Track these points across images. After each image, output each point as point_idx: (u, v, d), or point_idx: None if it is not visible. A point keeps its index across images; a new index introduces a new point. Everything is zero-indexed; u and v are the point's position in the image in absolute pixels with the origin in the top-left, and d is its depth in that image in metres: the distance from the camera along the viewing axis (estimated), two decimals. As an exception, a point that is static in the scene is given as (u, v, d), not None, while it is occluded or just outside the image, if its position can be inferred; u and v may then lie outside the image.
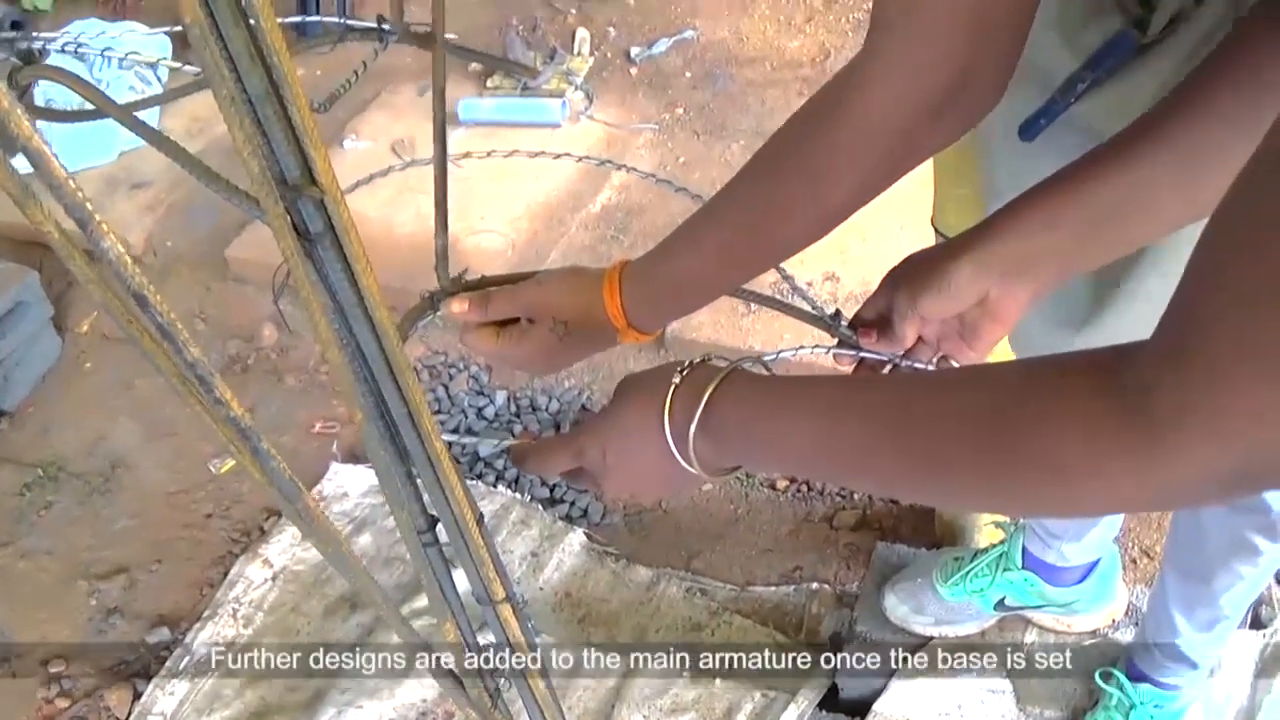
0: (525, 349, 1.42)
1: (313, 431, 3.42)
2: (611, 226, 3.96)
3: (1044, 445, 0.85)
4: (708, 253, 1.34)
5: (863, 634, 2.66)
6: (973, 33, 1.14)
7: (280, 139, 0.75)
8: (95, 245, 0.65)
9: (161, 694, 2.76)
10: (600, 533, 3.09)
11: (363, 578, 1.05)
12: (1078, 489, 0.86)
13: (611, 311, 1.36)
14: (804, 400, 1.05)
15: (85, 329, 3.86)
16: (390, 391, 0.97)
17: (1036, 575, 2.49)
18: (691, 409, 1.10)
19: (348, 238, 0.82)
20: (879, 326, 1.41)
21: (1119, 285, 1.58)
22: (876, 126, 1.21)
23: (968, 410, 0.91)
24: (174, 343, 0.72)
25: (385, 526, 3.08)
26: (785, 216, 1.30)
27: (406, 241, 3.76)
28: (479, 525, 1.15)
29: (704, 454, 1.12)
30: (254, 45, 0.70)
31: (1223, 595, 2.10)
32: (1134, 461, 0.81)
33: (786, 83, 4.55)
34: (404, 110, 4.47)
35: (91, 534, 3.19)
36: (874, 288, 1.43)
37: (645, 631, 2.83)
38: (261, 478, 0.89)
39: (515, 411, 3.44)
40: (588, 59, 4.71)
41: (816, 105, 1.27)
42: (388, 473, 1.06)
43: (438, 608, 1.24)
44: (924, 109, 1.19)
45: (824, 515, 3.07)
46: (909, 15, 1.15)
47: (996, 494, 0.97)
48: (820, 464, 1.12)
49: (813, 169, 1.26)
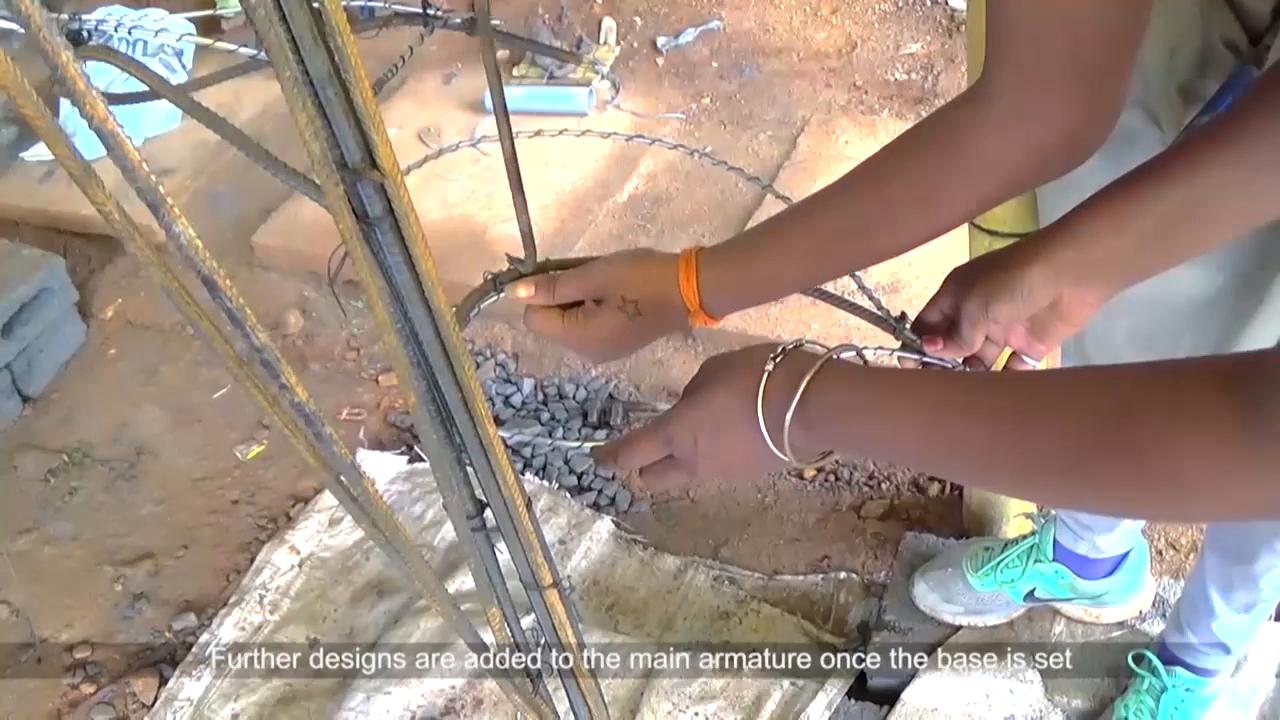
0: (593, 330, 1.41)
1: (339, 418, 3.43)
2: (639, 215, 3.95)
3: (1164, 450, 0.85)
4: (796, 253, 1.34)
5: (891, 622, 2.66)
6: (1088, 83, 1.14)
7: (342, 121, 0.75)
8: (167, 229, 0.65)
9: (188, 680, 2.76)
10: (628, 521, 3.09)
11: (416, 560, 1.05)
12: (1196, 495, 0.86)
13: (686, 292, 1.35)
14: (911, 394, 1.05)
15: (110, 315, 3.87)
16: (445, 376, 0.97)
17: (1067, 568, 2.49)
18: (788, 396, 1.09)
19: (407, 221, 0.82)
20: (943, 329, 1.42)
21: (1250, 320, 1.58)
22: (991, 166, 1.23)
23: (1088, 413, 0.91)
24: (242, 327, 0.72)
25: (413, 514, 3.08)
26: (884, 231, 1.31)
27: (433, 229, 3.75)
28: (528, 510, 1.15)
29: (798, 441, 1.11)
30: (318, 27, 0.70)
31: (1263, 577, 2.10)
32: (1251, 472, 0.81)
33: (813, 74, 4.55)
34: (430, 98, 4.47)
35: (117, 520, 3.20)
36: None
37: (673, 619, 2.83)
38: (316, 463, 0.89)
39: (543, 399, 3.43)
40: (614, 48, 4.71)
41: (933, 132, 1.27)
42: (439, 457, 1.06)
43: (484, 592, 1.25)
44: (1038, 154, 1.21)
45: (851, 505, 3.06)
46: (1032, 61, 1.14)
47: (1111, 497, 0.96)
48: (928, 458, 1.12)
49: (921, 192, 1.27)
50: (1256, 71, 1.33)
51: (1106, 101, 1.17)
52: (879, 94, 4.40)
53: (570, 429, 3.31)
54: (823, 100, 4.41)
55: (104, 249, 4.03)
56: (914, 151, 1.28)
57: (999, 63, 1.17)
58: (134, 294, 3.89)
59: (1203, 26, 1.35)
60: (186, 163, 4.29)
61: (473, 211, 3.85)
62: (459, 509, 1.14)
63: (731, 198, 3.95)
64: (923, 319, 1.45)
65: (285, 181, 0.81)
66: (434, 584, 1.11)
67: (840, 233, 1.32)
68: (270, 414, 0.84)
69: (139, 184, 0.63)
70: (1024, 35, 1.13)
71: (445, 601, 1.15)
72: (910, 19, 4.76)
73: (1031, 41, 1.13)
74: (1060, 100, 1.15)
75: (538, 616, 1.32)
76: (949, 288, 1.42)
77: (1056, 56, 1.12)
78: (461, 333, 1.46)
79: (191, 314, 0.77)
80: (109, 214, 0.69)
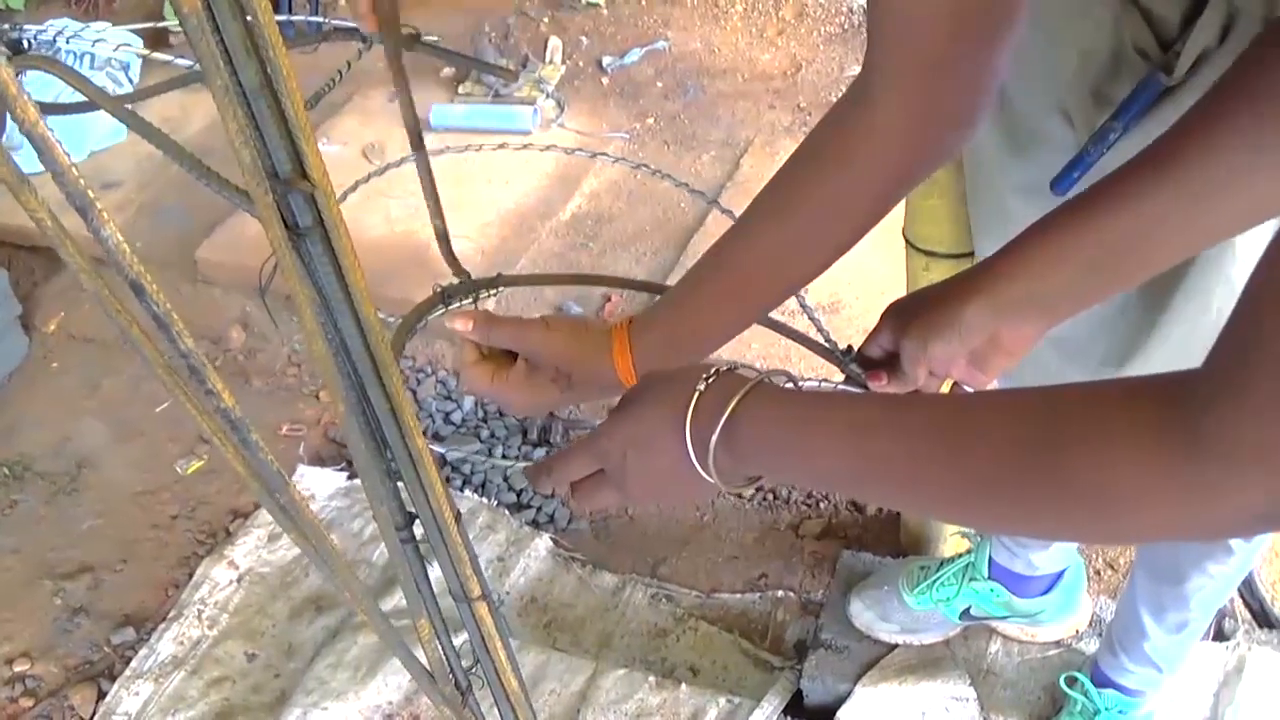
0: (525, 394, 1.41)
1: (279, 434, 3.42)
2: (581, 234, 3.97)
3: (1093, 471, 0.85)
4: (718, 302, 1.36)
5: (828, 641, 2.67)
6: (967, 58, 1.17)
7: (273, 132, 0.76)
8: (95, 233, 0.66)
9: (126, 694, 2.75)
10: (566, 538, 3.10)
11: (343, 571, 1.06)
12: (1125, 516, 0.86)
13: (621, 369, 1.35)
14: (838, 416, 1.04)
15: (53, 328, 3.85)
16: (373, 387, 0.97)
17: (1003, 585, 2.51)
18: (715, 418, 1.07)
19: (337, 233, 0.83)
20: (887, 364, 1.43)
21: (1159, 319, 1.60)
22: (885, 161, 1.25)
23: (1015, 433, 0.91)
24: (169, 332, 0.73)
25: (351, 530, 3.08)
26: (799, 254, 1.32)
27: (375, 244, 3.76)
28: (457, 522, 1.15)
29: (724, 465, 1.10)
30: (250, 39, 0.71)
31: (1193, 596, 2.12)
32: (1184, 491, 0.81)
33: (757, 95, 4.58)
34: (375, 115, 4.47)
35: (57, 533, 3.18)
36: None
37: (610, 637, 2.84)
38: (245, 470, 0.90)
39: (482, 417, 3.44)
40: (560, 67, 4.72)
41: (821, 148, 1.29)
42: (367, 468, 1.06)
43: (413, 604, 1.25)
44: (927, 146, 1.23)
45: (790, 523, 3.08)
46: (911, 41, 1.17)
47: (1043, 518, 0.96)
48: (853, 481, 1.11)
49: (827, 207, 1.28)
50: (1165, 78, 1.35)
51: (986, 77, 1.20)
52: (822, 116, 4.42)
53: (510, 446, 3.31)
54: (766, 121, 4.44)
55: (48, 262, 4.01)
56: (810, 166, 1.30)
57: (879, 50, 1.20)
58: (77, 307, 3.87)
59: (1115, 33, 1.37)
60: (132, 176, 4.28)
61: (416, 228, 3.85)
62: (388, 520, 1.14)
63: (673, 217, 3.97)
64: (865, 354, 1.45)
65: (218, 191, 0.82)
66: (360, 592, 1.11)
67: (756, 268, 1.33)
68: (200, 421, 0.85)
69: (69, 189, 0.64)
70: (903, 13, 1.16)
71: (373, 611, 1.16)
72: (855, 42, 4.80)
73: (909, 25, 1.15)
74: (940, 82, 1.18)
75: (467, 629, 1.32)
76: (887, 324, 1.42)
77: (936, 37, 1.14)
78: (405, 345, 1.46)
79: (122, 321, 0.78)
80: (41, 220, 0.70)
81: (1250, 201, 1.20)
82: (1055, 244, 1.26)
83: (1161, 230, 1.22)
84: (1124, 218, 1.22)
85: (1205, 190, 1.18)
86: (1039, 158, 1.50)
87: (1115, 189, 1.24)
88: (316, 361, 0.89)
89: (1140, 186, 1.21)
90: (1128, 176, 1.23)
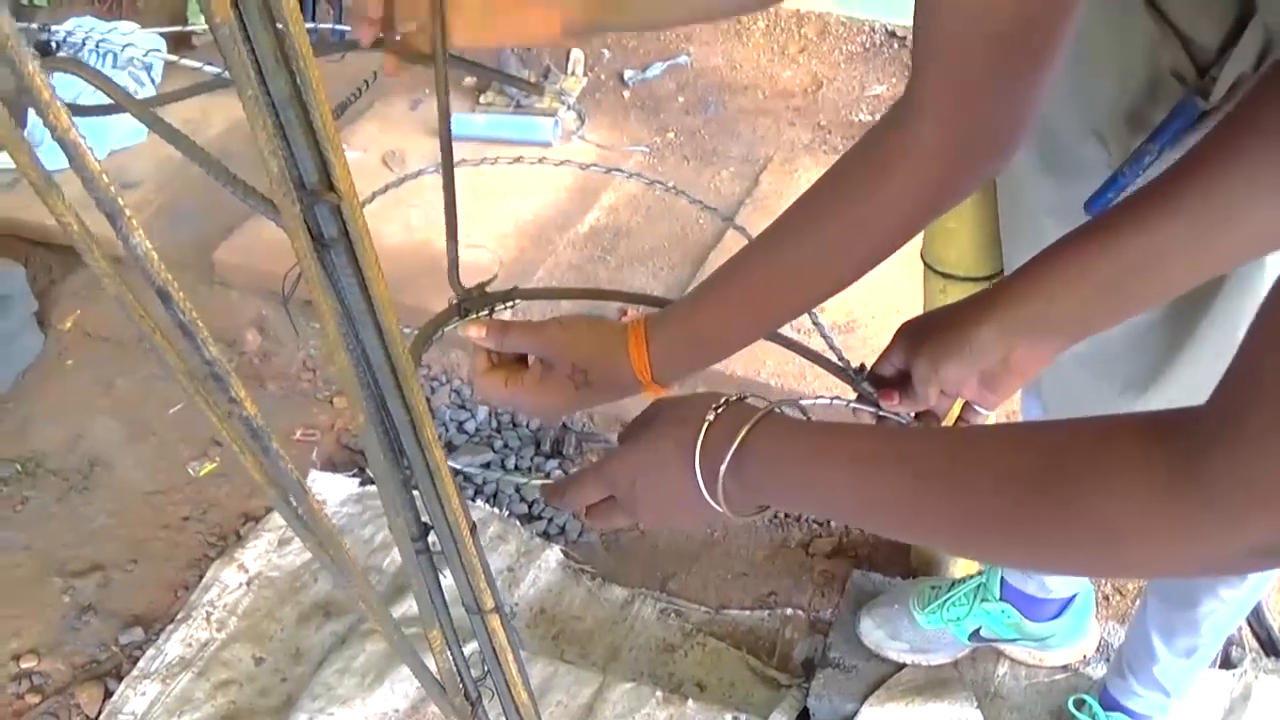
0: (541, 396, 1.40)
1: (293, 439, 3.42)
2: (599, 247, 3.97)
3: (1095, 506, 0.85)
4: (738, 308, 1.35)
5: (836, 659, 2.67)
6: (1009, 88, 1.16)
7: (301, 143, 0.76)
8: (125, 241, 0.66)
9: (133, 694, 2.75)
10: (577, 551, 3.10)
11: (359, 579, 1.06)
12: (1126, 552, 0.86)
13: (637, 365, 1.35)
14: (845, 447, 1.05)
15: (68, 326, 3.85)
16: (393, 399, 0.98)
17: (1014, 607, 2.51)
18: (724, 449, 1.09)
19: (362, 244, 0.83)
20: (899, 383, 1.43)
21: (1187, 341, 1.60)
22: (917, 183, 1.24)
23: (1019, 467, 0.91)
24: (194, 340, 0.73)
25: (362, 536, 3.08)
26: (820, 270, 1.32)
27: (393, 252, 3.76)
28: (472, 535, 1.15)
29: (733, 494, 1.11)
30: (280, 49, 0.71)
31: (1205, 621, 2.12)
32: (1184, 528, 0.81)
33: (778, 112, 4.58)
34: (396, 122, 4.47)
35: (68, 531, 3.18)
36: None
37: (618, 650, 2.84)
38: (263, 478, 0.90)
39: (496, 427, 3.44)
40: (581, 79, 4.73)
41: (860, 161, 1.28)
42: (385, 478, 1.06)
43: (426, 614, 1.25)
44: (961, 162, 1.22)
45: (800, 541, 3.07)
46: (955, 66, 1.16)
47: (1047, 553, 0.96)
48: (859, 512, 1.11)
49: (853, 227, 1.28)
50: (1202, 102, 1.36)
51: (1026, 107, 1.19)
52: (842, 134, 4.43)
53: (523, 457, 3.31)
54: (786, 139, 4.44)
55: (65, 259, 4.01)
56: (843, 184, 1.29)
57: (921, 76, 1.19)
58: (93, 305, 3.87)
59: (1153, 57, 1.37)
60: (151, 176, 4.29)
61: (433, 237, 3.86)
62: (403, 531, 1.15)
63: (691, 233, 3.97)
64: (877, 373, 1.46)
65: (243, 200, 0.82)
66: (375, 603, 1.11)
67: (779, 280, 1.33)
68: (219, 428, 0.85)
69: (98, 195, 0.64)
70: (947, 40, 1.15)
71: (387, 622, 1.16)
72: (877, 60, 4.80)
73: (951, 52, 1.15)
74: (979, 110, 1.17)
75: (479, 641, 1.33)
76: (899, 343, 1.43)
77: (978, 66, 1.14)
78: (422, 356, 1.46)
79: (145, 326, 0.78)
80: (68, 225, 0.70)
81: (1256, 231, 1.21)
82: (1067, 268, 1.27)
83: (1172, 256, 1.23)
84: (1136, 243, 1.23)
85: (1213, 219, 1.19)
86: (1073, 179, 1.50)
87: (1127, 215, 1.25)
88: (338, 373, 0.90)
89: (1152, 213, 1.22)
90: (1140, 203, 1.24)
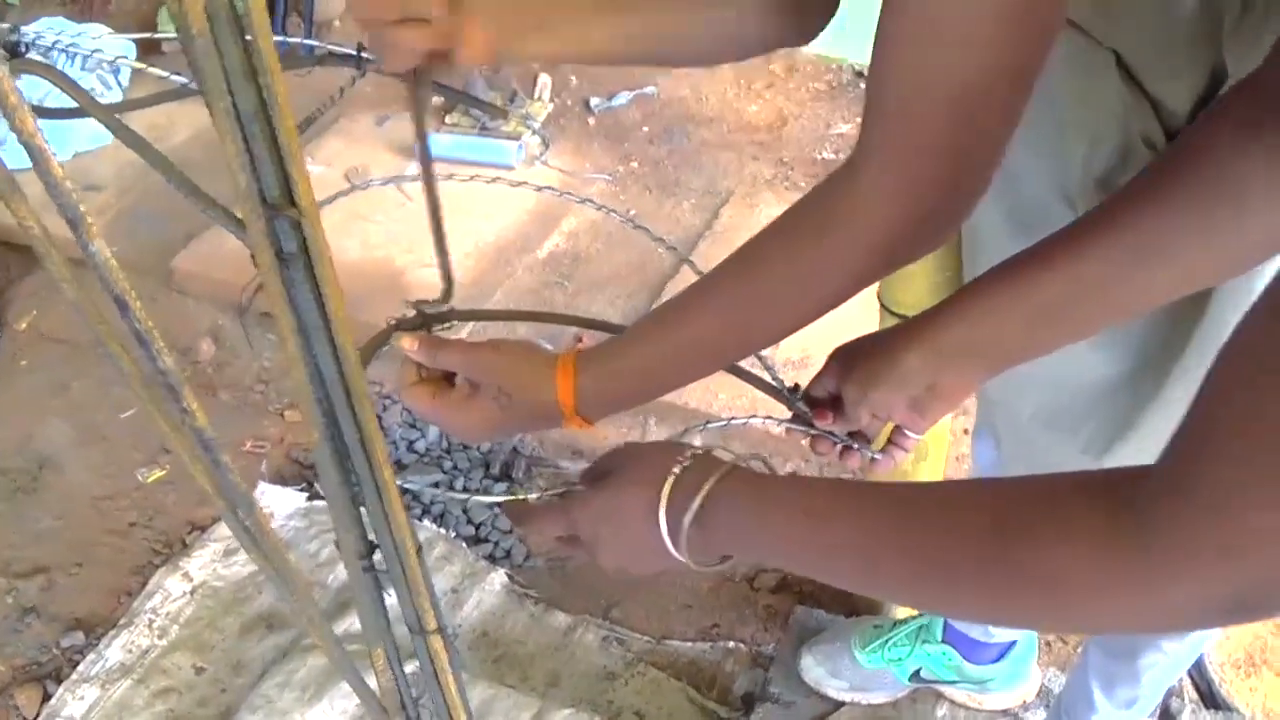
0: (464, 416, 1.38)
1: (243, 449, 3.41)
2: (557, 273, 3.97)
3: (1048, 563, 0.85)
4: (674, 347, 1.33)
5: (775, 695, 2.68)
6: (961, 155, 1.14)
7: (265, 157, 0.76)
8: (84, 248, 0.66)
9: (71, 698, 2.74)
10: (522, 575, 3.09)
11: (301, 593, 1.06)
12: (1079, 608, 0.87)
13: (562, 397, 1.33)
14: (801, 501, 1.06)
15: (24, 326, 3.83)
16: (345, 417, 0.98)
17: (955, 650, 2.52)
18: (688, 502, 1.10)
19: (321, 261, 0.83)
20: (833, 405, 1.45)
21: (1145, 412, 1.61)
22: (863, 241, 1.21)
23: (968, 524, 0.92)
24: (149, 349, 0.73)
25: (308, 551, 3.07)
26: (759, 317, 1.29)
27: (352, 268, 3.76)
28: (418, 555, 1.16)
29: (696, 546, 1.12)
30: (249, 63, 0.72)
31: (1146, 673, 2.13)
32: (1137, 584, 0.82)
33: (741, 146, 4.59)
34: (361, 138, 4.47)
35: (13, 532, 3.16)
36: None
37: (559, 676, 2.83)
38: (211, 488, 0.90)
39: (446, 448, 3.42)
40: (547, 104, 4.74)
41: (810, 210, 1.26)
42: (336, 494, 1.06)
43: (370, 633, 1.25)
44: (909, 224, 1.19)
45: (745, 575, 3.07)
46: (907, 128, 1.13)
47: (996, 607, 0.97)
48: (814, 565, 1.10)
49: (793, 278, 1.26)
50: None
51: (978, 173, 1.17)
52: (805, 171, 4.44)
53: (472, 479, 3.30)
54: (748, 173, 4.45)
55: (23, 259, 3.99)
56: (789, 233, 1.27)
57: (874, 130, 1.17)
58: (50, 307, 3.85)
59: (1124, 124, 1.38)
60: (113, 180, 4.27)
61: (393, 255, 3.85)
62: (351, 548, 1.15)
63: (650, 262, 3.97)
64: (810, 394, 1.48)
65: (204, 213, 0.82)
66: (318, 619, 1.12)
67: (712, 324, 1.31)
68: (170, 437, 0.85)
69: (61, 201, 0.64)
70: (901, 102, 1.13)
71: (329, 638, 1.16)
72: (843, 99, 4.82)
73: (907, 109, 1.12)
74: (932, 169, 1.14)
75: (420, 661, 1.33)
76: (832, 367, 1.45)
77: (933, 125, 1.11)
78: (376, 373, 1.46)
79: (101, 332, 0.78)
80: (30, 229, 0.70)
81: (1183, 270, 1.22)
82: (994, 298, 1.29)
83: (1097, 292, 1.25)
84: (1062, 277, 1.25)
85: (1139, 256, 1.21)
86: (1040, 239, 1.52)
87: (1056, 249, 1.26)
88: (296, 387, 0.90)
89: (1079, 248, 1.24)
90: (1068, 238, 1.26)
